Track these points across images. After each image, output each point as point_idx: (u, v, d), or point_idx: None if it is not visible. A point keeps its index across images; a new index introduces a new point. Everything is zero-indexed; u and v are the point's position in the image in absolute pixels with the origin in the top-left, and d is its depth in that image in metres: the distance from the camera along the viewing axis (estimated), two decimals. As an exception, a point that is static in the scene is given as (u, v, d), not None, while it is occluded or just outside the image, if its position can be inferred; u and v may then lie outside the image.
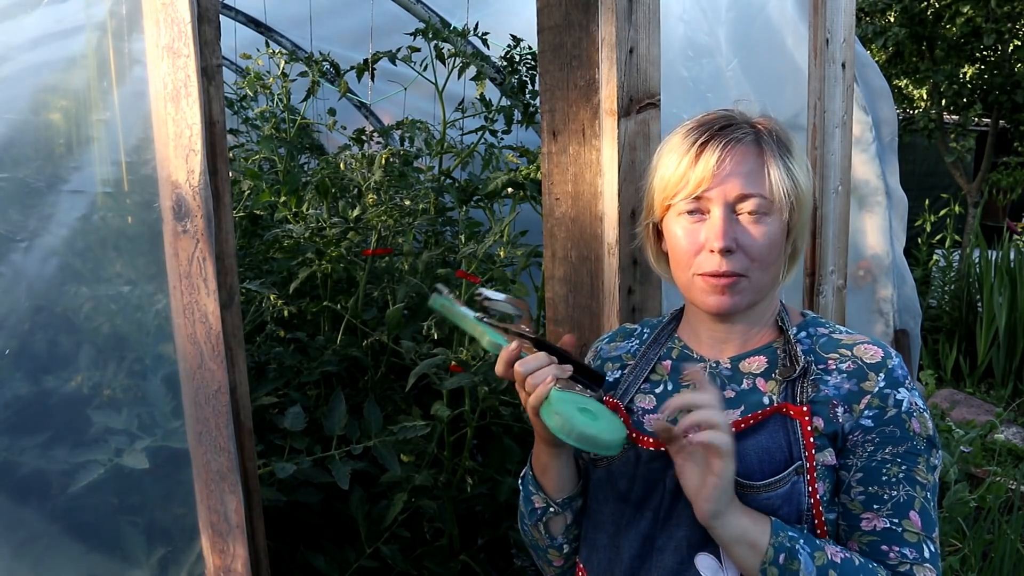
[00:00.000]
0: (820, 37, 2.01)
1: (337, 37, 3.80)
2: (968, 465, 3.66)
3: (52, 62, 1.36)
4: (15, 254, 1.31)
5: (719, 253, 1.03)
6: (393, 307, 2.15)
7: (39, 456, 1.32)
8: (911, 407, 1.02)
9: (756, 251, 1.04)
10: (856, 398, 1.02)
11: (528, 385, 1.03)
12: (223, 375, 1.24)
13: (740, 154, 1.04)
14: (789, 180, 1.05)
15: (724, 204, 1.04)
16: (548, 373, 1.03)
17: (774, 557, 0.96)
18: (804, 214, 1.10)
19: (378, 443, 1.81)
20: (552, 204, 1.66)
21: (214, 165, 1.23)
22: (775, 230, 1.05)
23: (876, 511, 1.00)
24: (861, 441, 1.01)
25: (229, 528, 1.27)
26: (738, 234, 1.04)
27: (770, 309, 1.13)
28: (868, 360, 1.04)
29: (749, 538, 0.97)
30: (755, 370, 1.10)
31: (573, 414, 1.00)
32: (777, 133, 1.08)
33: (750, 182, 1.04)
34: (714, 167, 1.03)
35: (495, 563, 2.20)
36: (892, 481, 1.00)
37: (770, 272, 1.07)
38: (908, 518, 0.99)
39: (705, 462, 0.96)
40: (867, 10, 6.54)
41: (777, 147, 1.06)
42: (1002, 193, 7.27)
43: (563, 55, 1.58)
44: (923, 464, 1.01)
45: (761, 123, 1.08)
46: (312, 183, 2.44)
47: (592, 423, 1.00)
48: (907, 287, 2.52)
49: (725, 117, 1.08)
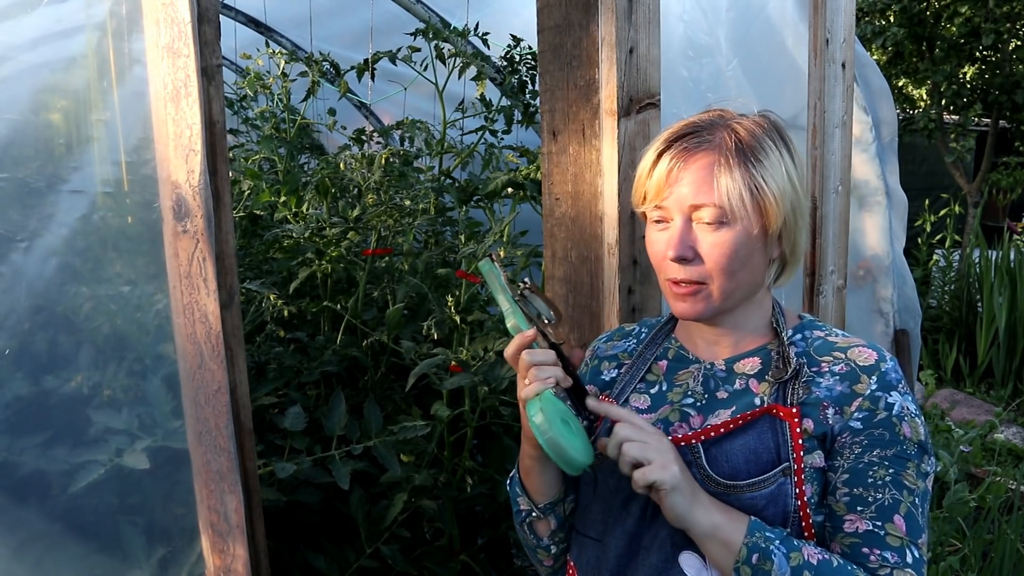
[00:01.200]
0: (820, 37, 2.01)
1: (337, 37, 3.80)
2: (968, 465, 3.66)
3: (52, 62, 1.36)
4: (15, 254, 1.31)
5: (675, 261, 1.05)
6: (393, 307, 2.15)
7: (39, 456, 1.32)
8: (902, 411, 1.01)
9: (714, 259, 1.04)
10: (847, 400, 1.02)
11: (529, 376, 1.04)
12: (223, 375, 1.24)
13: (697, 164, 1.03)
14: (746, 188, 1.02)
15: (681, 213, 1.05)
16: (551, 373, 1.04)
17: (747, 556, 0.96)
18: (790, 218, 1.06)
19: (378, 443, 1.81)
20: (552, 204, 1.66)
21: (214, 165, 1.23)
22: (737, 238, 1.03)
23: (860, 513, 0.99)
24: (849, 443, 1.01)
25: (229, 528, 1.27)
26: (697, 242, 1.05)
27: (759, 313, 1.12)
28: (861, 363, 1.04)
29: (722, 536, 0.98)
30: (749, 371, 1.10)
31: (555, 419, 1.02)
32: (744, 140, 1.03)
33: (700, 192, 1.03)
34: (664, 177, 1.05)
35: (495, 563, 2.20)
36: (878, 484, 0.99)
37: (737, 279, 1.05)
38: (892, 522, 0.98)
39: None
40: (867, 10, 6.54)
41: (738, 155, 1.02)
42: (1002, 193, 7.27)
43: (563, 55, 1.58)
44: (912, 469, 1.00)
45: (738, 126, 1.05)
46: (312, 183, 2.44)
47: (568, 436, 1.02)
48: (907, 287, 2.52)
49: (692, 124, 1.07)
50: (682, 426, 1.10)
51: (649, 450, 0.99)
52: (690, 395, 1.12)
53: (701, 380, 1.13)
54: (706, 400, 1.11)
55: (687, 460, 1.05)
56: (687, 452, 1.06)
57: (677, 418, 1.11)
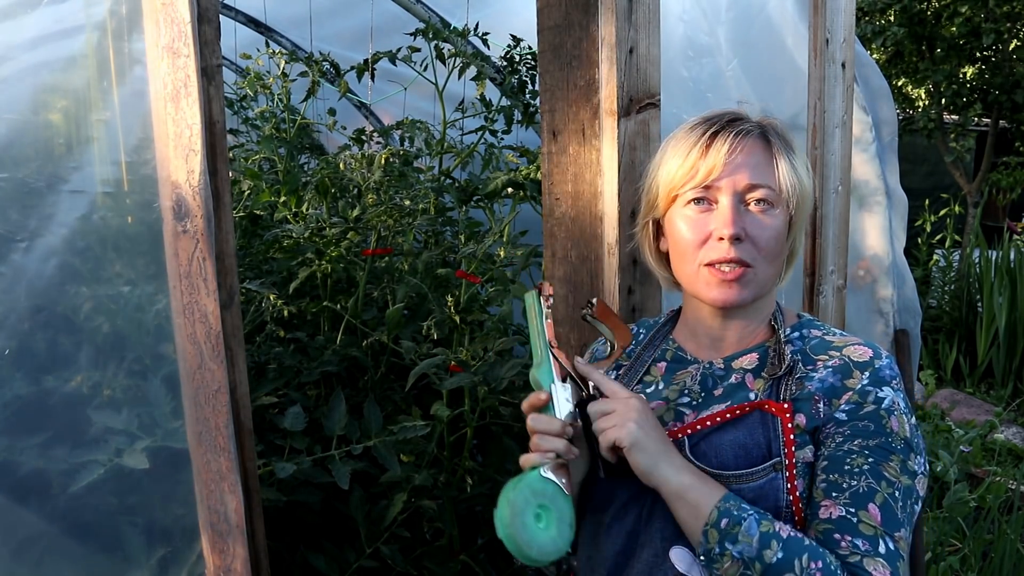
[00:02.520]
0: (820, 37, 2.01)
1: (337, 37, 3.80)
2: (968, 465, 3.66)
3: (52, 62, 1.36)
4: (15, 254, 1.31)
5: (728, 240, 1.04)
6: (393, 307, 2.15)
7: (39, 456, 1.32)
8: (892, 406, 1.01)
9: (764, 241, 1.05)
10: (838, 393, 1.02)
11: (532, 443, 1.04)
12: (223, 375, 1.24)
13: (750, 146, 1.06)
14: (794, 175, 1.08)
15: (733, 193, 1.05)
16: (552, 446, 1.02)
17: (716, 519, 0.96)
18: (803, 213, 1.11)
19: (378, 443, 1.81)
20: (552, 204, 1.66)
21: (214, 165, 1.23)
22: (780, 223, 1.07)
23: (834, 499, 0.98)
24: (833, 432, 1.01)
25: (229, 528, 1.27)
26: (746, 223, 1.05)
27: (767, 308, 1.13)
28: (856, 359, 1.04)
29: (691, 497, 0.98)
30: (746, 366, 1.10)
31: (525, 511, 0.97)
32: (780, 130, 1.10)
33: (759, 173, 1.06)
34: (725, 156, 1.05)
35: (495, 563, 2.20)
36: (855, 471, 0.98)
37: (774, 266, 1.09)
38: (866, 510, 0.96)
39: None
40: (867, 10, 6.54)
41: (782, 143, 1.09)
42: (1002, 193, 7.27)
43: (563, 55, 1.58)
44: (896, 463, 0.99)
45: (765, 120, 1.11)
46: (312, 183, 2.44)
47: (532, 531, 0.97)
48: (907, 287, 2.52)
49: (731, 112, 1.11)
50: (676, 424, 1.10)
51: (611, 417, 1.01)
52: (687, 394, 1.12)
53: (699, 379, 1.13)
54: (702, 398, 1.11)
55: None
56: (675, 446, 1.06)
57: (672, 417, 1.11)
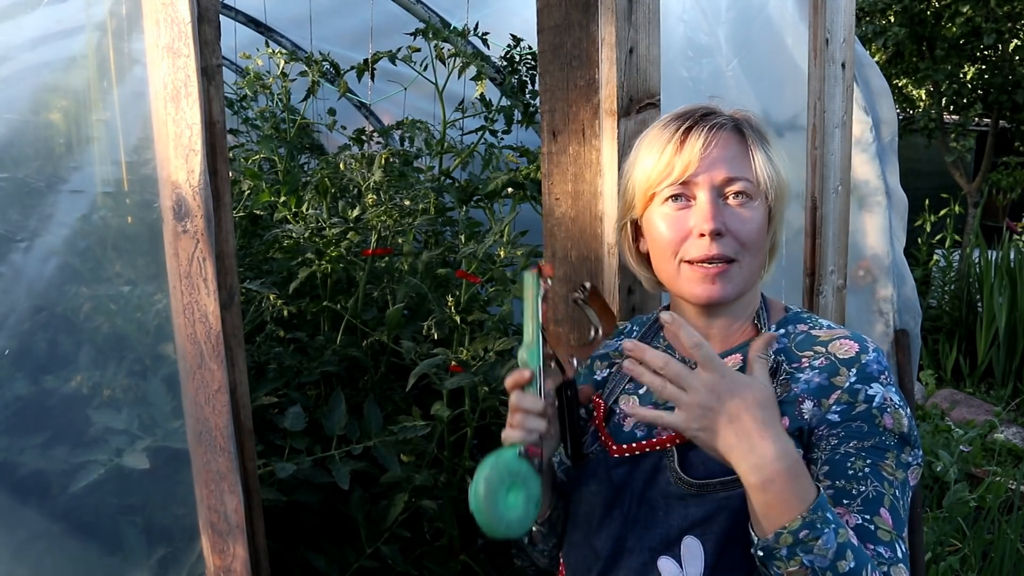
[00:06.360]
0: (820, 37, 2.01)
1: (337, 37, 3.80)
2: (968, 465, 3.66)
3: (52, 62, 1.36)
4: (15, 254, 1.31)
5: (709, 236, 1.02)
6: (393, 307, 2.15)
7: (39, 456, 1.32)
8: (884, 402, 0.99)
9: (745, 234, 1.04)
10: (826, 393, 1.00)
11: (515, 420, 1.03)
12: (223, 375, 1.24)
13: (724, 139, 1.05)
14: (771, 167, 1.06)
15: (711, 188, 1.04)
16: (535, 425, 1.02)
17: (798, 528, 0.88)
18: (782, 204, 1.10)
19: (378, 443, 1.81)
20: (552, 204, 1.66)
21: (214, 165, 1.23)
22: (760, 215, 1.06)
23: (847, 507, 0.96)
24: (826, 435, 0.99)
25: (229, 528, 1.27)
26: (726, 218, 1.03)
27: (752, 304, 1.12)
28: (841, 356, 1.02)
29: (786, 493, 0.88)
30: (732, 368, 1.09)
31: (499, 488, 0.99)
32: (754, 123, 1.09)
33: (736, 166, 1.04)
34: (700, 151, 1.03)
35: (495, 563, 2.20)
36: (859, 476, 0.96)
37: (757, 259, 1.07)
38: (879, 515, 0.95)
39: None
40: (867, 10, 6.53)
41: (756, 135, 1.07)
42: (1002, 193, 7.27)
43: (563, 55, 1.58)
44: (891, 460, 0.97)
45: (738, 113, 1.09)
46: (312, 183, 2.44)
47: (503, 507, 0.99)
48: (907, 287, 2.52)
49: (704, 107, 1.09)
50: (664, 433, 1.07)
51: (680, 395, 0.93)
52: None
53: None
54: None
55: (661, 464, 1.05)
56: (662, 456, 1.05)
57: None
